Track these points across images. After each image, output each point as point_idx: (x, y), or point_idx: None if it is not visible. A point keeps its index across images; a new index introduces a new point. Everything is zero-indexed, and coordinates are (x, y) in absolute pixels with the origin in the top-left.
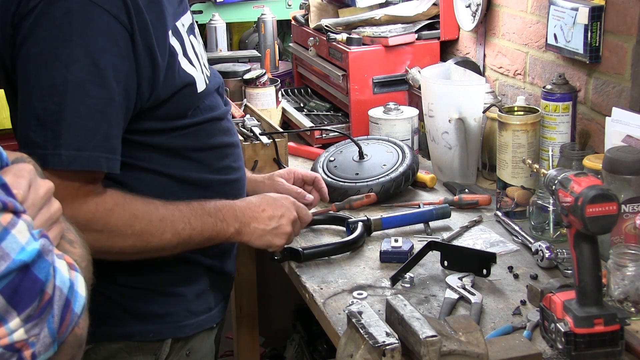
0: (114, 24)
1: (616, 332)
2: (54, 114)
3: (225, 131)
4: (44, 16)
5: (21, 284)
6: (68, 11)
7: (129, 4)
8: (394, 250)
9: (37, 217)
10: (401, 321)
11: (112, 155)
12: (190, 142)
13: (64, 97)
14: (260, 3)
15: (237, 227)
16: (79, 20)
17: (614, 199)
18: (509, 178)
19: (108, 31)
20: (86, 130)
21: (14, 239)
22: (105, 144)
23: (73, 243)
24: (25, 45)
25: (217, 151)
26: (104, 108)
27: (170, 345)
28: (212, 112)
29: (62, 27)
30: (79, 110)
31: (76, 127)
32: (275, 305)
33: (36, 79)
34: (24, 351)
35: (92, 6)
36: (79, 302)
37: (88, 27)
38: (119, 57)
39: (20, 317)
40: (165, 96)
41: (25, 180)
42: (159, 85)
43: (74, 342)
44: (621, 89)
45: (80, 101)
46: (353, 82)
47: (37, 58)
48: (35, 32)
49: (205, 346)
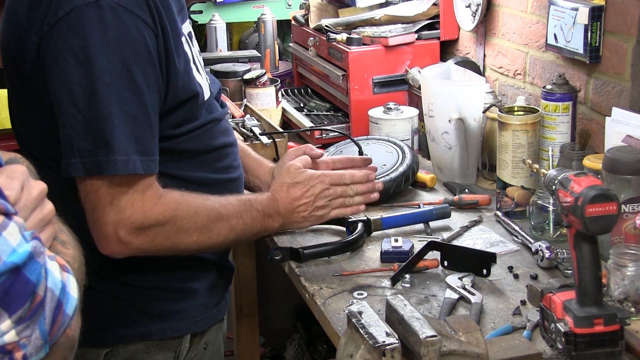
0: (144, 28)
1: (616, 332)
2: (100, 121)
3: (224, 131)
4: (77, 24)
5: (12, 285)
6: (101, 18)
7: (153, 9)
8: (395, 250)
9: (29, 218)
10: (401, 321)
11: (149, 157)
12: (195, 144)
13: (107, 105)
14: (260, 3)
15: (281, 221)
16: (112, 27)
17: (614, 199)
18: (509, 178)
19: (140, 36)
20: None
21: (5, 241)
22: (139, 147)
23: (65, 244)
24: (58, 53)
25: (219, 151)
26: (137, 113)
27: (190, 340)
28: (213, 114)
29: (96, 35)
30: (119, 117)
31: (119, 133)
32: (275, 305)
33: (75, 87)
34: (15, 353)
35: (124, 12)
36: (71, 303)
37: (121, 33)
38: (149, 62)
39: (11, 319)
40: (179, 101)
41: (17, 181)
42: (177, 90)
43: (66, 344)
44: (621, 89)
45: (119, 108)
46: (353, 82)
47: (73, 66)
48: (68, 40)
49: (219, 338)
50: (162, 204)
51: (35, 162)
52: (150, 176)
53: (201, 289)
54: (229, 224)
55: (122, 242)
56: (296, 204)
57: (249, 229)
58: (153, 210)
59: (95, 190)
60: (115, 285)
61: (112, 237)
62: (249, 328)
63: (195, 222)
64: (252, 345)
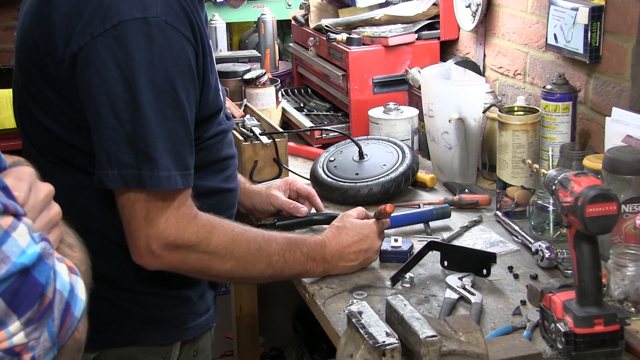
0: (187, 45)
1: (616, 332)
2: (143, 136)
3: (229, 143)
4: (123, 38)
5: (21, 287)
6: (148, 34)
7: (195, 27)
8: (394, 250)
9: (37, 220)
10: (401, 321)
11: (187, 172)
12: (205, 155)
13: (150, 120)
14: (260, 3)
15: (325, 267)
16: (158, 43)
17: (614, 199)
18: (509, 178)
19: (183, 54)
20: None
21: (15, 242)
22: (179, 162)
23: (72, 247)
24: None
25: (224, 163)
26: (178, 128)
27: (180, 347)
28: (222, 125)
29: (142, 50)
30: (161, 133)
31: (162, 150)
32: (275, 305)
33: (118, 99)
34: (24, 355)
35: (169, 29)
36: (79, 305)
37: (167, 50)
38: (190, 79)
39: (20, 321)
40: (207, 115)
41: (25, 183)
42: (208, 105)
43: (74, 346)
44: (621, 89)
45: (161, 124)
46: (353, 82)
47: (117, 79)
48: (114, 53)
49: (208, 345)
50: (197, 225)
51: (42, 160)
52: (185, 192)
53: (193, 297)
54: (269, 260)
55: (154, 255)
56: (349, 252)
57: (289, 268)
58: (187, 229)
59: (132, 203)
60: (108, 289)
61: (145, 250)
62: (249, 328)
63: (231, 250)
64: (252, 345)
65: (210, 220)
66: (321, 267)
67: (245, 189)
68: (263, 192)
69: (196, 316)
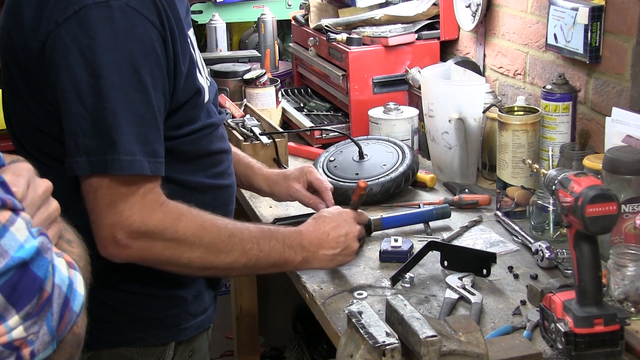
0: (151, 29)
1: (616, 332)
2: (106, 119)
3: (221, 137)
4: (86, 23)
5: (20, 281)
6: (110, 18)
7: (162, 11)
8: (394, 250)
9: (35, 215)
10: (401, 321)
11: (156, 159)
12: (193, 148)
13: (114, 104)
14: (260, 3)
15: (304, 255)
16: (121, 27)
17: (614, 199)
18: (509, 178)
19: (147, 38)
20: (132, 135)
21: (13, 237)
22: (146, 148)
23: (71, 242)
24: (66, 51)
25: (215, 157)
26: (144, 113)
27: (174, 348)
28: (211, 118)
29: (104, 34)
30: (126, 116)
31: (126, 133)
32: (275, 305)
33: (82, 85)
34: (23, 349)
35: (133, 13)
36: (78, 300)
37: (130, 33)
38: (155, 64)
39: (19, 315)
40: (181, 102)
41: (24, 178)
42: (179, 91)
43: (73, 341)
44: (621, 89)
45: (125, 107)
46: (353, 82)
47: (81, 64)
48: (76, 39)
49: (205, 346)
50: (163, 211)
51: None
52: (153, 181)
53: (188, 297)
54: (242, 247)
55: (119, 245)
56: (328, 239)
57: (264, 257)
58: (152, 216)
59: (95, 190)
60: (102, 289)
61: (109, 239)
62: (249, 328)
63: (200, 237)
64: (252, 345)
65: (178, 207)
66: (300, 256)
67: (262, 174)
68: (281, 183)
69: (191, 317)
